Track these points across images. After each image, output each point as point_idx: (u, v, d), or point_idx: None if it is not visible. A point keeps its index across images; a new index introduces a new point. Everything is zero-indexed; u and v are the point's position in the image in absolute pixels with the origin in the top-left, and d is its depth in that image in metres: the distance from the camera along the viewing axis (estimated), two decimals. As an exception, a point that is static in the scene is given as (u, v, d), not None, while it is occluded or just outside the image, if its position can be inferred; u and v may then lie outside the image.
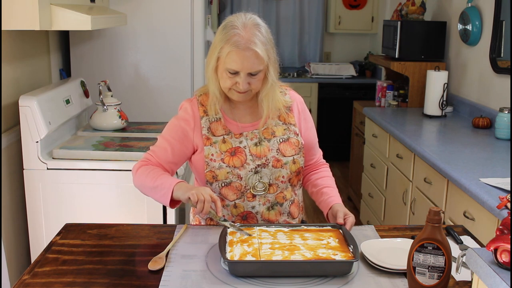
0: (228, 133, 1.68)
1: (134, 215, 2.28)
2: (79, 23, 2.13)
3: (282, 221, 1.73)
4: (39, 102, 2.25)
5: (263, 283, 1.35)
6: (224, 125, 1.69)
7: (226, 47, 1.57)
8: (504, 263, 1.03)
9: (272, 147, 1.68)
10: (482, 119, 3.10)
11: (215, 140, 1.67)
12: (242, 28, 1.57)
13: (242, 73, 1.58)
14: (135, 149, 2.34)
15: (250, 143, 1.68)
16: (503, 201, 1.82)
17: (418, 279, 1.28)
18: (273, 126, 1.71)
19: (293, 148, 1.70)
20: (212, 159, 1.66)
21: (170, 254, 1.52)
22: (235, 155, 1.66)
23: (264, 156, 1.67)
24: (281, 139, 1.70)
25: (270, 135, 1.69)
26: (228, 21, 1.61)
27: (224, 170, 1.65)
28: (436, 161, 2.44)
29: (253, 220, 1.70)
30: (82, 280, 1.37)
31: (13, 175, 2.37)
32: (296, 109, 1.77)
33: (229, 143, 1.67)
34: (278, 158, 1.67)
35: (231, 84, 1.61)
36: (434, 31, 3.83)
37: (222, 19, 6.09)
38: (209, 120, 1.69)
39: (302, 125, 1.77)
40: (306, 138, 1.76)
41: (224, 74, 1.60)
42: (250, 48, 1.55)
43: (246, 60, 1.56)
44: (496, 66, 3.12)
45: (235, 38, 1.55)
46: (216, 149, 1.66)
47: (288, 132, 1.71)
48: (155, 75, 3.17)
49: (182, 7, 3.09)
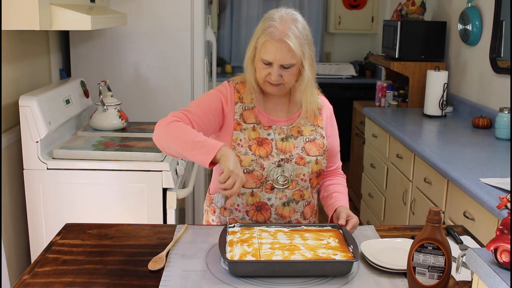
0: (258, 123, 1.72)
1: (134, 215, 2.28)
2: (79, 23, 2.13)
3: (294, 220, 1.74)
4: (39, 102, 2.25)
5: (263, 283, 1.35)
6: (255, 114, 1.72)
7: (262, 37, 1.62)
8: (504, 263, 1.03)
9: (298, 145, 1.71)
10: (482, 119, 3.10)
11: (245, 126, 1.71)
12: (278, 20, 1.61)
13: (274, 64, 1.62)
14: (135, 149, 2.34)
15: (277, 137, 1.71)
16: (503, 201, 1.82)
17: (418, 279, 1.28)
18: (301, 125, 1.74)
19: (318, 149, 1.73)
20: (240, 144, 1.68)
21: (170, 254, 1.52)
22: (262, 145, 1.69)
23: (289, 151, 1.69)
24: (307, 138, 1.73)
25: (297, 133, 1.73)
26: (268, 14, 1.67)
27: (249, 157, 1.67)
28: (436, 161, 2.44)
29: (267, 213, 1.71)
30: (82, 280, 1.37)
31: (13, 175, 2.37)
32: (325, 114, 1.80)
33: (258, 133, 1.70)
34: (302, 156, 1.70)
35: (265, 75, 1.65)
36: (434, 31, 3.83)
37: (222, 19, 6.14)
38: (243, 107, 1.73)
39: (328, 130, 1.80)
40: (329, 144, 1.79)
41: (259, 64, 1.65)
42: (283, 40, 1.59)
43: (279, 52, 1.60)
44: (496, 66, 3.12)
45: (270, 29, 1.60)
46: (245, 136, 1.69)
47: (315, 133, 1.75)
48: (155, 75, 3.17)
49: (182, 7, 3.09)
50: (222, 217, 1.79)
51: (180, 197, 2.30)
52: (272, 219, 1.72)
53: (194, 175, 2.66)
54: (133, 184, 2.26)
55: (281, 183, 1.69)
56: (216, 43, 3.60)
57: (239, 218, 1.74)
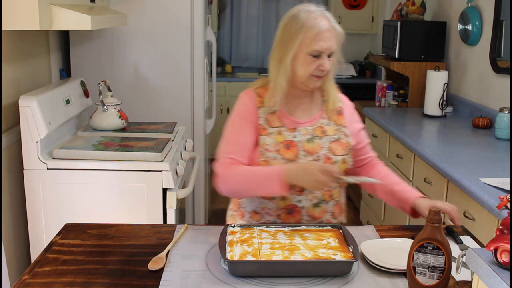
0: (283, 126, 1.71)
1: (134, 215, 2.28)
2: (79, 23, 2.13)
3: (325, 220, 1.75)
4: (39, 102, 2.25)
5: (263, 283, 1.35)
6: (280, 117, 1.72)
7: (311, 30, 1.62)
8: (504, 263, 1.03)
9: (323, 145, 1.71)
10: (482, 119, 3.10)
11: (271, 131, 1.70)
12: (318, 12, 1.65)
13: (324, 54, 1.63)
14: (135, 149, 2.34)
15: (303, 139, 1.70)
16: (503, 201, 1.82)
17: (418, 279, 1.28)
18: (325, 125, 1.74)
19: (343, 148, 1.73)
20: (268, 149, 1.68)
21: (170, 254, 1.52)
22: (289, 148, 1.68)
23: (316, 153, 1.69)
24: (332, 138, 1.73)
25: (322, 133, 1.72)
26: (297, 11, 1.67)
27: (278, 162, 1.66)
28: (436, 161, 2.44)
29: (298, 215, 1.71)
30: (82, 280, 1.37)
31: (13, 175, 2.37)
32: (346, 112, 1.80)
33: (284, 136, 1.69)
34: (329, 156, 1.70)
35: (314, 68, 1.64)
36: (434, 31, 3.83)
37: (222, 19, 6.13)
38: (266, 111, 1.72)
39: (354, 127, 1.80)
40: (358, 139, 1.80)
41: (307, 60, 1.64)
42: (332, 27, 1.64)
43: (330, 39, 1.64)
44: (496, 66, 3.12)
45: (317, 20, 1.63)
46: (272, 140, 1.68)
47: (339, 132, 1.75)
48: (155, 75, 3.17)
49: (182, 7, 3.09)
50: (253, 221, 1.77)
51: (180, 197, 2.30)
52: (303, 221, 1.72)
53: (194, 175, 2.66)
54: (133, 184, 2.26)
55: None
56: (216, 43, 3.60)
57: (270, 222, 1.73)
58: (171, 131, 2.71)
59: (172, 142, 2.57)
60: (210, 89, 3.62)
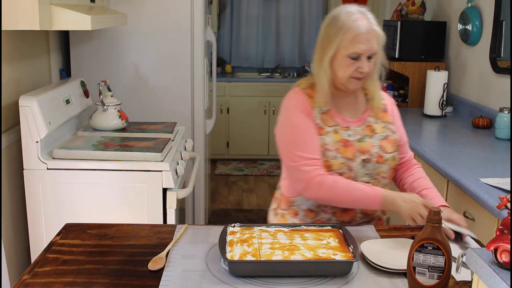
0: (337, 124, 1.72)
1: (134, 215, 2.28)
2: (79, 23, 2.13)
3: (376, 216, 1.78)
4: (39, 102, 2.25)
5: (263, 283, 1.35)
6: (332, 117, 1.73)
7: (349, 32, 1.62)
8: (504, 263, 1.03)
9: (374, 144, 1.72)
10: (482, 119, 3.10)
11: (328, 130, 1.71)
12: (358, 13, 1.65)
13: (363, 56, 1.64)
14: (135, 149, 2.34)
15: (355, 138, 1.72)
16: (503, 201, 1.82)
17: (418, 279, 1.28)
18: (373, 123, 1.76)
19: (392, 145, 1.75)
20: (328, 149, 1.68)
21: (170, 254, 1.52)
22: (347, 147, 1.70)
23: (368, 151, 1.71)
24: (381, 136, 1.74)
25: (371, 132, 1.74)
26: (338, 13, 1.68)
27: (338, 161, 1.68)
28: (436, 161, 2.44)
29: (352, 212, 1.74)
30: (82, 280, 1.37)
31: (13, 175, 2.37)
32: (389, 108, 1.82)
33: (340, 135, 1.71)
34: (381, 154, 1.72)
35: (353, 70, 1.65)
36: (434, 31, 3.82)
37: (222, 19, 6.14)
38: (320, 111, 1.72)
39: (396, 123, 1.82)
40: (400, 137, 1.82)
41: (345, 62, 1.65)
42: (371, 29, 1.64)
43: (369, 41, 1.64)
44: (496, 66, 3.11)
45: (357, 23, 1.63)
46: (331, 139, 1.69)
47: (386, 130, 1.76)
48: (155, 75, 3.17)
49: (182, 7, 3.09)
50: (308, 219, 1.78)
51: (180, 197, 2.30)
52: (357, 218, 1.75)
53: (194, 175, 2.66)
54: (133, 184, 2.26)
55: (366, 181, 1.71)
56: (216, 43, 3.60)
57: (325, 219, 1.76)
58: (171, 131, 2.71)
59: (172, 142, 2.57)
60: (210, 89, 3.62)
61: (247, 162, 5.87)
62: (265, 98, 5.71)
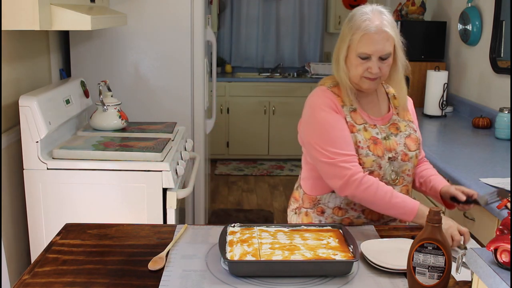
0: (365, 122, 1.73)
1: (134, 215, 2.28)
2: (79, 23, 2.12)
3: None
4: (39, 102, 2.25)
5: (263, 283, 1.35)
6: (360, 115, 1.74)
7: (358, 32, 1.63)
8: (504, 263, 1.03)
9: (400, 142, 1.74)
10: (482, 119, 3.10)
11: (358, 127, 1.71)
12: (371, 13, 1.65)
13: (373, 57, 1.64)
14: (135, 149, 2.34)
15: (382, 135, 1.73)
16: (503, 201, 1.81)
17: (418, 279, 1.28)
18: (397, 121, 1.77)
19: (415, 143, 1.77)
20: (360, 146, 1.69)
21: (170, 254, 1.52)
22: (376, 144, 1.71)
23: (394, 149, 1.72)
24: (405, 134, 1.76)
25: (396, 130, 1.75)
26: (355, 12, 1.69)
27: (370, 158, 1.69)
28: (436, 161, 2.44)
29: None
30: (82, 280, 1.37)
31: (13, 175, 2.37)
32: (410, 107, 1.84)
33: (370, 132, 1.72)
34: (406, 152, 1.74)
35: (363, 70, 1.66)
36: (434, 31, 3.83)
37: (222, 19, 6.14)
38: (349, 109, 1.73)
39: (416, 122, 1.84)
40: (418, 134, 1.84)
41: (355, 61, 1.66)
42: (381, 30, 1.63)
43: (378, 42, 1.63)
44: (496, 66, 3.12)
45: (366, 22, 1.63)
46: (362, 136, 1.70)
47: (409, 128, 1.78)
48: (155, 75, 3.17)
49: (182, 7, 3.09)
50: (336, 217, 1.78)
51: (180, 197, 2.30)
52: (384, 216, 1.77)
53: (194, 175, 2.65)
54: (133, 184, 2.26)
55: (393, 178, 1.73)
56: (216, 43, 3.60)
57: (354, 217, 1.77)
58: (171, 131, 2.70)
59: (172, 142, 2.57)
60: (210, 89, 3.62)
61: (247, 162, 5.87)
62: (265, 98, 5.71)
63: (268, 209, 4.55)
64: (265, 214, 4.42)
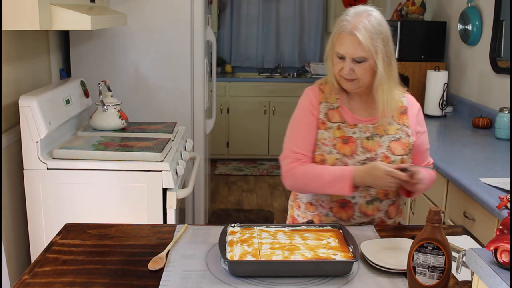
0: (343, 121, 1.73)
1: (134, 215, 2.28)
2: (79, 23, 2.13)
3: (378, 218, 1.77)
4: (39, 102, 2.25)
5: (263, 283, 1.35)
6: (340, 113, 1.74)
7: (335, 31, 1.67)
8: (504, 263, 1.03)
9: (383, 144, 1.72)
10: (482, 119, 3.10)
11: (330, 125, 1.73)
12: (352, 15, 1.65)
13: (347, 58, 1.65)
14: (135, 149, 2.34)
15: (363, 136, 1.72)
16: (503, 201, 1.82)
17: (418, 279, 1.28)
18: (386, 124, 1.75)
19: (403, 148, 1.73)
20: (324, 143, 1.71)
21: (170, 254, 1.52)
22: (347, 143, 1.71)
23: (374, 150, 1.71)
24: (393, 137, 1.73)
25: (382, 132, 1.74)
26: (346, 10, 1.71)
27: (333, 156, 1.70)
28: (436, 161, 2.43)
29: (350, 210, 1.74)
30: (82, 280, 1.37)
31: (13, 175, 2.37)
32: (410, 112, 1.79)
33: (343, 131, 1.72)
34: (387, 155, 1.71)
35: (339, 69, 1.67)
36: (434, 31, 3.82)
37: (222, 19, 6.14)
38: (328, 106, 1.75)
39: (416, 128, 1.78)
40: (419, 142, 1.79)
41: (334, 60, 1.68)
42: (352, 33, 1.62)
43: (349, 44, 1.63)
44: (496, 66, 3.12)
45: (343, 22, 1.65)
46: (330, 134, 1.72)
47: (400, 132, 1.75)
48: (155, 75, 3.17)
49: (182, 7, 3.09)
50: (308, 212, 1.81)
51: (180, 197, 2.30)
52: (355, 217, 1.75)
53: (194, 175, 2.66)
54: (133, 184, 2.26)
55: None
56: (216, 43, 3.60)
57: (323, 214, 1.78)
58: (171, 131, 2.70)
59: (172, 142, 2.57)
60: (210, 89, 3.62)
61: (247, 162, 5.87)
62: (265, 98, 5.71)
63: (268, 209, 4.55)
64: (265, 214, 4.42)
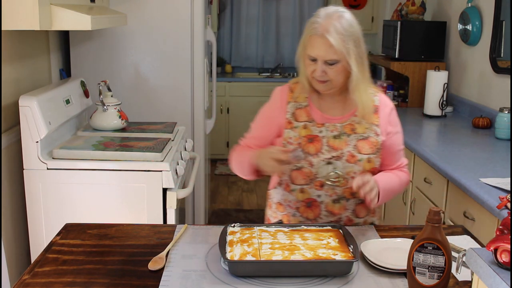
0: (310, 121, 1.73)
1: (134, 215, 2.28)
2: (79, 23, 2.13)
3: (345, 217, 1.75)
4: (39, 102, 2.25)
5: (263, 283, 1.35)
6: (308, 112, 1.74)
7: (306, 33, 1.65)
8: (504, 263, 1.03)
9: (350, 142, 1.71)
10: (482, 119, 3.10)
11: (296, 125, 1.73)
12: (323, 17, 1.64)
13: (319, 60, 1.63)
14: (135, 149, 2.34)
15: (330, 134, 1.71)
16: (503, 201, 1.82)
17: (418, 279, 1.28)
18: (356, 123, 1.73)
19: (371, 147, 1.71)
20: (290, 142, 1.71)
21: (170, 254, 1.52)
22: (312, 142, 1.70)
23: (340, 149, 1.70)
24: (360, 136, 1.72)
25: (350, 130, 1.72)
26: (316, 12, 1.70)
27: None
28: (436, 161, 2.44)
29: (317, 209, 1.73)
30: (82, 280, 1.37)
31: (13, 175, 2.37)
32: (382, 112, 1.75)
33: (309, 130, 1.72)
34: (354, 154, 1.70)
35: (311, 71, 1.66)
36: (434, 31, 3.83)
37: (222, 19, 6.14)
38: (296, 106, 1.75)
39: (387, 128, 1.75)
40: (390, 143, 1.76)
41: (306, 61, 1.67)
42: (323, 36, 1.60)
43: (321, 47, 1.61)
44: (496, 66, 3.12)
45: (314, 25, 1.63)
46: (295, 133, 1.72)
47: (369, 131, 1.73)
48: (155, 75, 3.17)
49: (182, 7, 3.09)
50: (279, 212, 1.82)
51: (180, 197, 2.30)
52: (322, 216, 1.74)
53: (194, 175, 2.66)
54: (133, 184, 2.26)
55: (333, 179, 1.69)
56: (216, 43, 3.60)
57: (290, 214, 1.77)
58: (171, 131, 2.71)
59: (172, 142, 2.57)
60: (210, 89, 3.62)
61: (247, 162, 5.87)
62: (265, 98, 5.62)
63: (268, 209, 4.54)
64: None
